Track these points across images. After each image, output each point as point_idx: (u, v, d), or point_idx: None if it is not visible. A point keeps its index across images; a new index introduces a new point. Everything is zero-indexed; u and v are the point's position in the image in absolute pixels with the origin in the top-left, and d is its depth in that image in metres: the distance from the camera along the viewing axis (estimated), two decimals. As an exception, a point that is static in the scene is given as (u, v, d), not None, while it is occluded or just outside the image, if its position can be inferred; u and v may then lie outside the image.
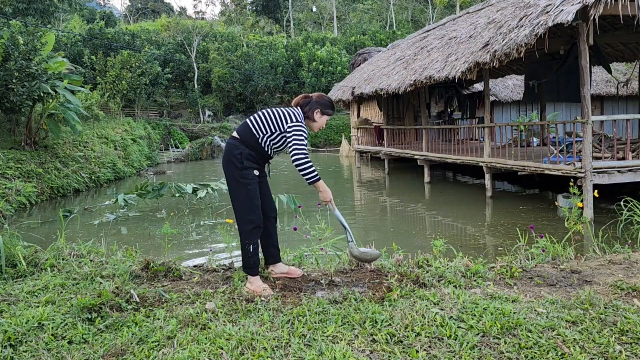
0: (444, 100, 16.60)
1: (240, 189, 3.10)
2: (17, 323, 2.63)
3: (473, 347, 2.27)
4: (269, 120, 3.17)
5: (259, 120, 3.17)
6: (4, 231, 4.28)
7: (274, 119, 3.17)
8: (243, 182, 3.09)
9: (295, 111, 3.22)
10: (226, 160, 3.17)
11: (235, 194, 3.13)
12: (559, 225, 7.02)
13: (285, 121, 3.15)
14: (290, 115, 3.17)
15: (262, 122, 3.17)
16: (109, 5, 61.08)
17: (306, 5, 51.38)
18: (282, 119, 3.16)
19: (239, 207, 3.12)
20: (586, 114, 7.24)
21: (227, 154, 3.16)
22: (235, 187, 3.12)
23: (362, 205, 10.26)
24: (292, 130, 3.10)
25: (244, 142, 3.15)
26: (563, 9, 6.84)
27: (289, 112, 3.20)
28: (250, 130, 3.16)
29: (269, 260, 3.41)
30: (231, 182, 3.15)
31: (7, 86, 10.82)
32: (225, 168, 3.17)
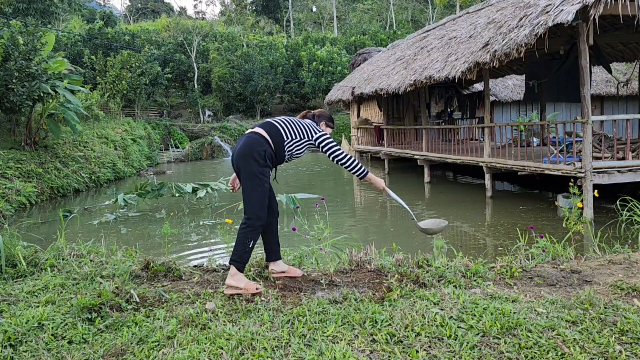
0: (444, 100, 16.61)
1: (257, 184, 3.08)
2: (17, 323, 2.63)
3: (473, 347, 2.27)
4: (298, 127, 3.25)
5: (288, 125, 3.23)
6: (4, 231, 4.28)
7: (301, 127, 3.26)
8: (261, 178, 3.08)
9: (314, 124, 3.36)
10: (246, 154, 3.10)
11: (250, 187, 3.09)
12: (559, 225, 7.02)
13: (313, 131, 3.28)
14: (315, 126, 3.32)
15: (291, 128, 3.23)
16: (109, 5, 61.08)
17: (306, 5, 51.37)
18: (308, 129, 3.28)
19: (253, 202, 3.08)
20: (586, 114, 7.24)
21: (248, 148, 3.10)
22: (252, 181, 3.08)
23: (362, 206, 10.26)
24: (323, 139, 3.25)
25: (271, 141, 3.15)
26: (563, 9, 6.84)
27: (311, 124, 3.33)
28: (280, 132, 3.18)
29: (272, 257, 3.40)
30: (248, 175, 3.09)
31: (7, 86, 10.82)
32: (243, 161, 3.11)
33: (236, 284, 3.02)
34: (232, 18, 42.09)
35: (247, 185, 3.10)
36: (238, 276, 3.06)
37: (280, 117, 3.31)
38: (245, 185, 3.12)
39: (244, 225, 3.08)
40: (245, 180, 3.11)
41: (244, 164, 3.10)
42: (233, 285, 3.03)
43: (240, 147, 3.15)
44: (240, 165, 3.13)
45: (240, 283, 3.03)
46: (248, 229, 3.06)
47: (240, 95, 29.90)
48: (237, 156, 3.16)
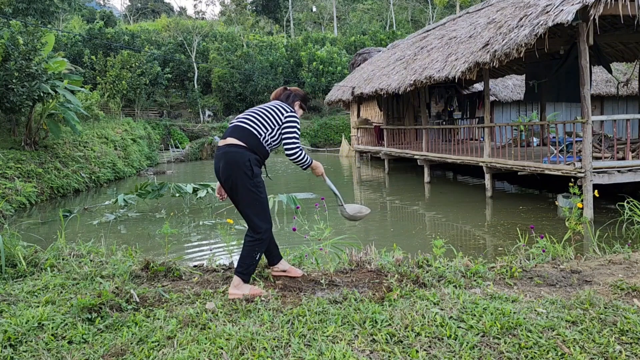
0: (444, 100, 16.61)
1: (254, 198, 2.97)
2: (17, 323, 2.63)
3: (473, 347, 2.27)
4: (267, 117, 3.08)
5: (256, 120, 3.06)
6: (4, 231, 4.28)
7: (270, 115, 3.09)
8: (256, 191, 2.97)
9: (283, 104, 3.19)
10: (233, 172, 2.93)
11: (249, 203, 2.98)
12: (559, 225, 7.02)
13: (281, 113, 3.11)
14: (284, 107, 3.14)
15: (261, 121, 3.06)
16: (109, 5, 61.10)
17: (306, 5, 51.38)
18: (277, 113, 3.10)
19: (254, 216, 2.99)
20: (586, 114, 7.24)
21: (232, 165, 2.93)
22: (249, 196, 2.96)
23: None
24: (287, 121, 3.09)
25: (248, 147, 2.99)
26: (563, 9, 6.84)
27: (279, 105, 3.16)
28: (252, 132, 3.01)
29: (275, 261, 3.37)
30: (244, 192, 2.96)
31: (7, 86, 10.83)
32: (233, 180, 2.95)
33: (240, 293, 2.99)
34: (232, 18, 42.09)
35: (246, 202, 2.98)
36: (241, 286, 3.02)
37: (248, 112, 3.14)
38: (243, 202, 2.99)
39: (251, 239, 3.00)
40: (241, 196, 2.98)
41: (235, 182, 2.95)
42: (237, 295, 2.98)
43: (223, 166, 2.97)
44: (230, 184, 2.97)
45: (245, 291, 3.00)
46: (256, 242, 3.00)
47: (240, 95, 29.90)
48: (224, 176, 2.98)
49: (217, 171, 3.04)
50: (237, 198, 3.00)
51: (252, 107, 13.24)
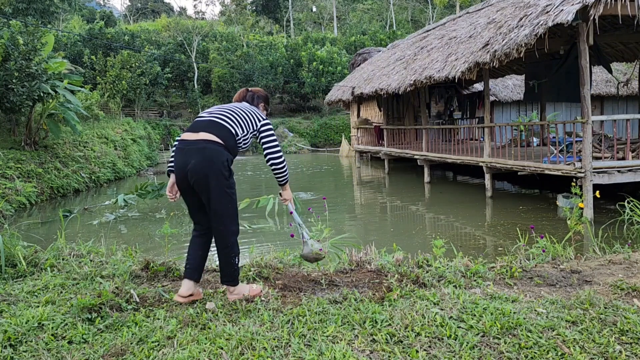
0: (444, 100, 16.61)
1: (227, 199, 2.78)
2: (17, 323, 2.63)
3: (473, 347, 2.27)
4: (244, 118, 2.94)
5: (234, 120, 2.89)
6: (4, 231, 4.28)
7: (246, 117, 2.95)
8: (230, 192, 2.79)
9: (257, 110, 3.08)
10: (210, 171, 2.71)
11: (224, 206, 2.78)
12: (559, 225, 7.02)
13: (258, 119, 2.99)
14: (260, 114, 3.04)
15: (239, 121, 2.91)
16: (109, 5, 61.10)
17: (306, 5, 51.38)
18: (253, 117, 2.97)
19: (226, 219, 2.80)
20: (586, 114, 7.24)
21: (210, 163, 2.71)
22: (221, 198, 2.76)
23: (362, 205, 10.26)
24: (266, 129, 2.97)
25: (226, 146, 2.80)
26: (563, 9, 6.84)
27: (254, 110, 3.03)
28: (230, 132, 2.84)
29: (194, 276, 2.93)
30: (219, 193, 2.75)
31: (7, 86, 10.83)
32: (208, 180, 2.72)
33: (240, 296, 2.92)
34: (232, 18, 42.10)
35: (221, 203, 2.77)
36: (238, 289, 2.94)
37: (222, 111, 2.94)
38: (218, 204, 2.76)
39: (224, 248, 2.84)
40: (216, 198, 2.75)
41: (210, 182, 2.72)
42: (237, 297, 2.93)
43: (199, 163, 2.71)
44: (204, 183, 2.73)
45: (245, 292, 2.95)
46: (229, 248, 2.84)
47: (240, 95, 29.89)
48: (198, 174, 2.72)
49: (183, 167, 2.77)
50: (210, 199, 2.76)
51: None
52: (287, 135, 27.61)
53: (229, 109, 2.96)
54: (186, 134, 2.86)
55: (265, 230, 7.55)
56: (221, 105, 3.05)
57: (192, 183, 2.77)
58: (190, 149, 2.77)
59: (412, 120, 17.04)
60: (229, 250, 2.85)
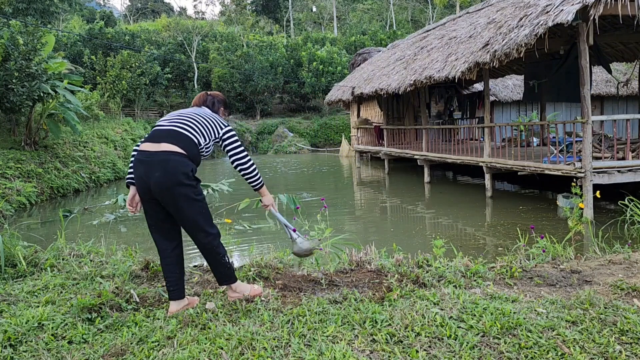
0: (444, 100, 16.61)
1: (198, 205, 2.71)
2: (17, 323, 2.63)
3: (473, 347, 2.27)
4: (205, 126, 2.82)
5: (195, 127, 2.78)
6: (4, 231, 4.29)
7: (208, 125, 2.83)
8: (199, 199, 2.71)
9: (217, 116, 2.96)
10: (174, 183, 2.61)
11: (193, 212, 2.69)
12: (559, 225, 7.03)
13: (220, 127, 2.88)
14: (221, 121, 2.93)
15: (201, 129, 2.79)
16: (109, 5, 61.11)
17: (306, 5, 51.38)
18: (215, 125, 2.86)
19: (202, 225, 2.72)
20: (586, 114, 7.24)
21: (174, 176, 2.61)
22: (192, 206, 2.68)
23: (362, 205, 10.26)
24: (229, 136, 2.87)
25: (189, 156, 2.70)
26: (563, 9, 6.84)
27: (215, 117, 2.92)
28: (192, 141, 2.73)
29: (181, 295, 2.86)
30: (187, 203, 2.66)
31: (7, 86, 10.83)
32: (173, 192, 2.62)
33: (240, 295, 2.91)
34: (232, 18, 42.10)
35: (192, 212, 2.69)
36: (239, 288, 2.92)
37: (183, 118, 2.81)
38: (189, 214, 2.68)
39: (210, 252, 2.77)
40: (186, 208, 2.67)
41: (177, 195, 2.63)
42: (237, 296, 2.91)
43: (162, 176, 2.61)
44: (171, 196, 2.63)
45: (245, 292, 2.93)
46: (215, 250, 2.78)
47: (240, 95, 29.91)
48: (162, 186, 2.61)
49: (146, 180, 2.64)
50: (179, 209, 2.67)
51: (252, 107, 12.87)
52: (287, 135, 27.61)
53: (189, 116, 2.83)
54: (146, 144, 2.71)
55: (265, 230, 7.56)
56: (181, 111, 2.91)
57: (157, 196, 2.67)
58: (151, 162, 2.64)
59: (412, 120, 17.04)
60: (216, 253, 2.78)
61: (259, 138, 27.98)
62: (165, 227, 2.81)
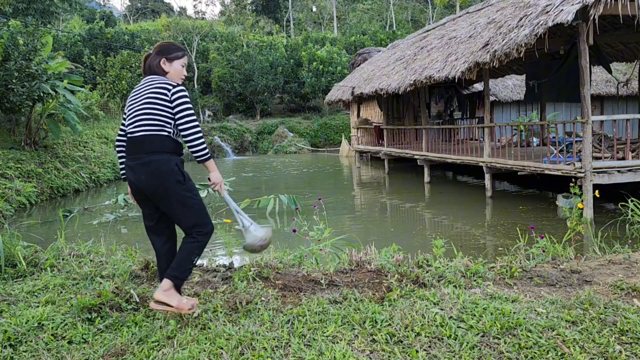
0: (444, 100, 16.61)
1: (191, 201, 2.67)
2: (17, 323, 2.63)
3: (473, 347, 2.27)
4: (161, 106, 2.66)
5: (156, 117, 2.66)
6: (4, 231, 4.28)
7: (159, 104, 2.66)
8: (192, 195, 2.68)
9: (161, 79, 2.75)
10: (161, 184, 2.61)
11: (187, 208, 2.66)
12: (559, 225, 7.02)
13: (167, 89, 2.69)
14: (166, 84, 2.71)
15: (161, 115, 2.67)
16: (109, 5, 61.08)
17: (306, 5, 51.37)
18: (162, 92, 2.68)
19: (196, 222, 2.67)
20: (586, 114, 7.24)
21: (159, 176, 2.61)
22: (185, 202, 2.66)
23: (362, 205, 10.26)
24: (177, 97, 2.68)
25: (170, 151, 2.68)
26: (563, 9, 6.84)
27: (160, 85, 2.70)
28: (163, 136, 2.67)
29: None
30: (177, 199, 2.64)
31: (7, 86, 10.83)
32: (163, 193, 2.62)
33: (168, 300, 2.60)
34: (232, 18, 42.11)
35: (182, 208, 2.66)
36: (171, 292, 2.63)
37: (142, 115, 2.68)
38: (181, 209, 2.66)
39: (192, 240, 2.68)
40: (177, 205, 2.65)
41: (166, 192, 2.62)
42: (163, 302, 2.60)
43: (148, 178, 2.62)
44: (160, 195, 2.63)
45: (173, 300, 2.61)
46: (197, 244, 2.67)
47: (240, 95, 29.89)
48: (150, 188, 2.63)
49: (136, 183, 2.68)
50: (170, 207, 2.67)
51: (252, 107, 12.70)
52: (287, 135, 27.60)
53: (145, 109, 2.68)
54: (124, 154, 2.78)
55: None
56: (135, 100, 2.74)
57: (151, 196, 2.68)
58: (136, 165, 2.66)
59: (412, 120, 17.04)
60: (196, 246, 2.68)
61: (259, 138, 27.98)
62: (161, 226, 2.86)
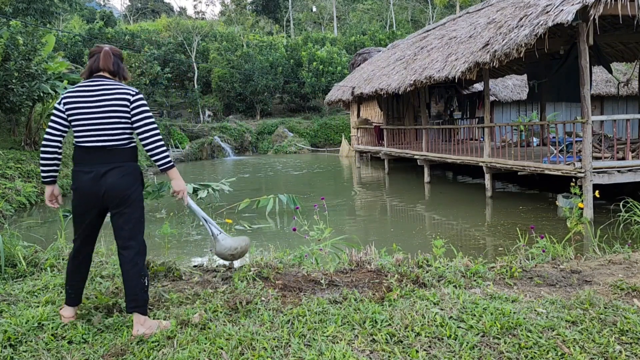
0: (444, 100, 16.61)
1: (143, 210, 2.71)
2: (17, 323, 2.63)
3: (473, 347, 2.27)
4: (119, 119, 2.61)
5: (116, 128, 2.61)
6: (4, 231, 4.28)
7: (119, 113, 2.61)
8: (143, 206, 2.72)
9: (121, 86, 2.68)
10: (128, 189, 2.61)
11: (141, 216, 2.69)
12: (559, 225, 7.02)
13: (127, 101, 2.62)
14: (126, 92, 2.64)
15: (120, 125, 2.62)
16: (109, 5, 61.07)
17: (306, 5, 51.37)
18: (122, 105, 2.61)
19: (141, 234, 2.67)
20: (586, 114, 7.24)
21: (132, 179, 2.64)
22: (140, 209, 2.69)
23: (362, 205, 10.26)
24: (138, 105, 2.63)
25: (130, 157, 2.68)
26: (563, 9, 6.84)
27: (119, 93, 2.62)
28: (124, 147, 2.64)
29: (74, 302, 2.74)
30: (137, 205, 2.66)
31: (7, 86, 10.83)
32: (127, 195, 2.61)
33: (151, 331, 2.53)
34: (232, 18, 42.09)
35: (137, 215, 2.66)
36: (149, 322, 2.58)
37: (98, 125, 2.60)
38: (135, 216, 2.65)
39: (138, 261, 2.59)
40: (133, 210, 2.64)
41: (128, 199, 2.62)
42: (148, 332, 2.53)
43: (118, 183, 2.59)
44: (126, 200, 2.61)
45: (154, 327, 2.56)
46: (140, 268, 2.59)
47: (240, 95, 29.89)
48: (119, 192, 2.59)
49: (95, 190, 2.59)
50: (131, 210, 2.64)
51: (252, 107, 12.74)
52: (287, 135, 27.60)
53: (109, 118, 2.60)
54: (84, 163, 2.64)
55: (265, 230, 7.55)
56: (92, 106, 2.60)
57: (108, 203, 2.63)
58: (98, 173, 2.58)
59: (412, 120, 17.04)
60: (140, 269, 2.59)
61: (259, 138, 27.98)
62: (93, 234, 2.80)
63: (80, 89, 2.64)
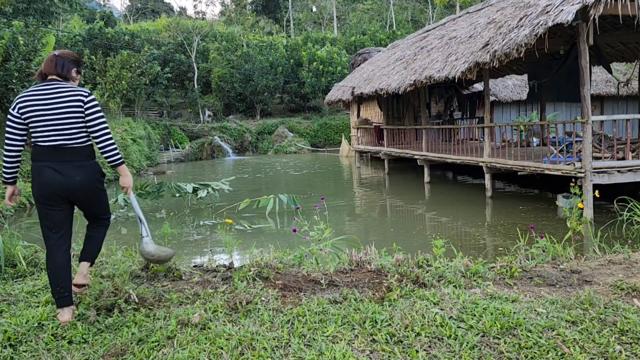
0: (444, 100, 16.61)
1: (104, 195, 3.02)
2: (17, 323, 2.63)
3: (473, 347, 2.27)
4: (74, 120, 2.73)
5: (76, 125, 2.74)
6: (4, 231, 4.28)
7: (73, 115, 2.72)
8: (104, 189, 3.03)
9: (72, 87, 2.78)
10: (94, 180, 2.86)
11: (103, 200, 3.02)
12: (559, 225, 7.02)
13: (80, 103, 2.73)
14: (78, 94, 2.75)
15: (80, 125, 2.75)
16: (109, 5, 61.08)
17: (306, 5, 51.37)
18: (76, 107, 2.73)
19: (106, 209, 3.10)
20: (586, 114, 7.24)
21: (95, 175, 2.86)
22: (104, 195, 3.01)
23: (362, 205, 10.26)
24: (91, 106, 2.75)
25: (87, 155, 2.83)
26: (563, 9, 6.84)
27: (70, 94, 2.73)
28: (80, 148, 2.79)
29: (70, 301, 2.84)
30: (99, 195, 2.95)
31: (7, 86, 10.83)
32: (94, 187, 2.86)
33: (88, 282, 3.05)
34: (232, 18, 42.09)
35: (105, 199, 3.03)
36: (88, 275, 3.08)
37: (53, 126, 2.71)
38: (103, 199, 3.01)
39: (104, 229, 3.14)
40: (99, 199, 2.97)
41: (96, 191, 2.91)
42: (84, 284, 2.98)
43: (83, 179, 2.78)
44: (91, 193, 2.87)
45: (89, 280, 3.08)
46: (105, 229, 3.14)
47: (240, 95, 29.90)
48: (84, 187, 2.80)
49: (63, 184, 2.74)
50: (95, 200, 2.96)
51: (252, 107, 12.77)
52: (287, 135, 27.60)
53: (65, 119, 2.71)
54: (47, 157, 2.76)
55: (265, 230, 7.55)
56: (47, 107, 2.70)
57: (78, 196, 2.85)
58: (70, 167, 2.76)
59: (412, 120, 17.04)
60: (104, 232, 3.15)
61: (259, 138, 27.99)
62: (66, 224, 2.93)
63: (34, 93, 2.75)
